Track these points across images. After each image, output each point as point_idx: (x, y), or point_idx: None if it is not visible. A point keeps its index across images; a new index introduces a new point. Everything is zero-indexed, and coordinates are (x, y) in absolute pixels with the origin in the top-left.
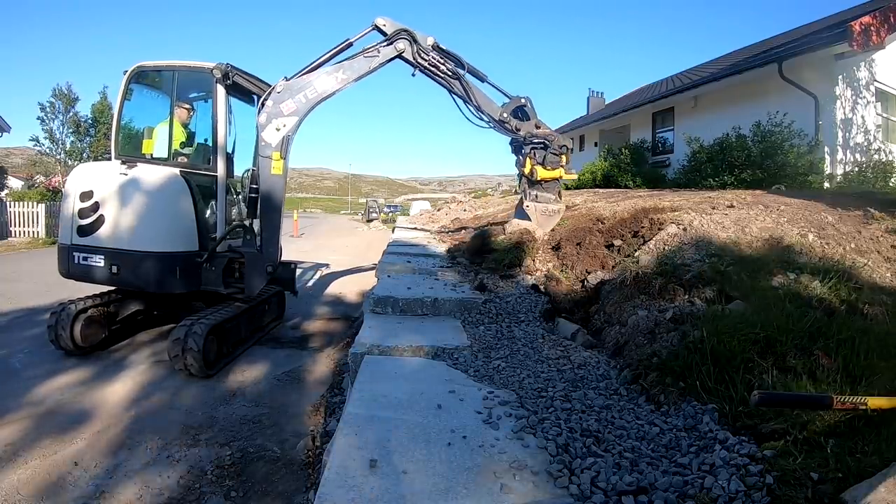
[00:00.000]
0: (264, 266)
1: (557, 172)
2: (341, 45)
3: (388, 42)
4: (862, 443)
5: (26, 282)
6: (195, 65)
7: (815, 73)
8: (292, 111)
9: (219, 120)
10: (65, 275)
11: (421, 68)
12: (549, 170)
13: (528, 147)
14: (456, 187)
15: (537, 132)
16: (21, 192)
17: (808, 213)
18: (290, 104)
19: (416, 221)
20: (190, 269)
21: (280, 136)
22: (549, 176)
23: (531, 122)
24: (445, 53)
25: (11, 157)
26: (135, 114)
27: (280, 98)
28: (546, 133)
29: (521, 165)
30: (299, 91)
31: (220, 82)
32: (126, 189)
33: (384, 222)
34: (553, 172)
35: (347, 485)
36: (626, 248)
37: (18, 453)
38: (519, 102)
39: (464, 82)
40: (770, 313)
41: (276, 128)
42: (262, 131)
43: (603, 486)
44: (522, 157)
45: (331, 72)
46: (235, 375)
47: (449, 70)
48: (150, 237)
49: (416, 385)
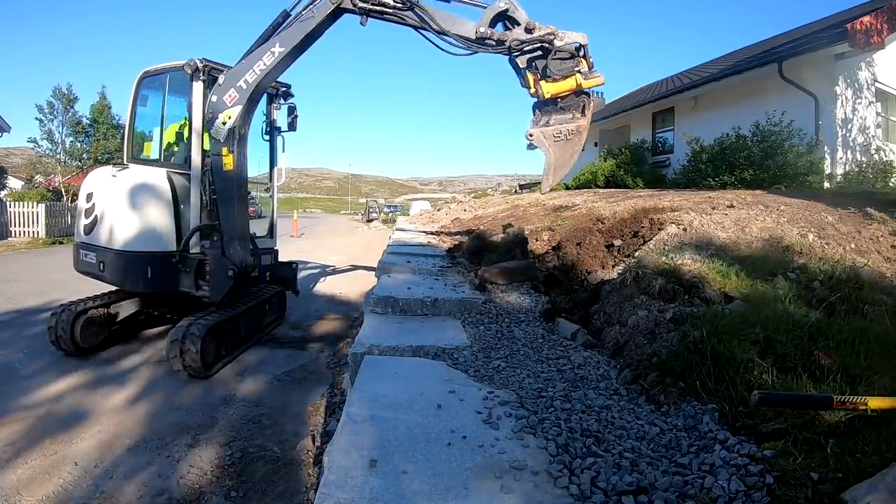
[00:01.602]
0: (226, 269)
1: (570, 82)
2: (278, 17)
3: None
4: (862, 443)
5: (26, 282)
6: (177, 64)
7: (815, 73)
8: (235, 100)
9: (193, 115)
10: (77, 270)
11: (365, 12)
12: (557, 81)
13: (525, 59)
14: (456, 187)
15: (528, 37)
16: (21, 192)
17: (808, 213)
18: (232, 94)
19: (416, 221)
20: (164, 269)
21: (226, 129)
22: (561, 89)
23: (520, 26)
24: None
25: (11, 157)
26: (146, 118)
27: (223, 91)
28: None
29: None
30: (239, 78)
31: (194, 78)
32: (113, 190)
33: (384, 222)
34: (564, 83)
35: (347, 485)
36: (627, 248)
37: (18, 453)
38: (497, 9)
39: (418, 11)
40: (770, 313)
41: (223, 122)
42: (211, 128)
43: (603, 486)
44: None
45: (265, 48)
46: (235, 375)
47: (396, 3)
48: (126, 236)
49: (416, 385)
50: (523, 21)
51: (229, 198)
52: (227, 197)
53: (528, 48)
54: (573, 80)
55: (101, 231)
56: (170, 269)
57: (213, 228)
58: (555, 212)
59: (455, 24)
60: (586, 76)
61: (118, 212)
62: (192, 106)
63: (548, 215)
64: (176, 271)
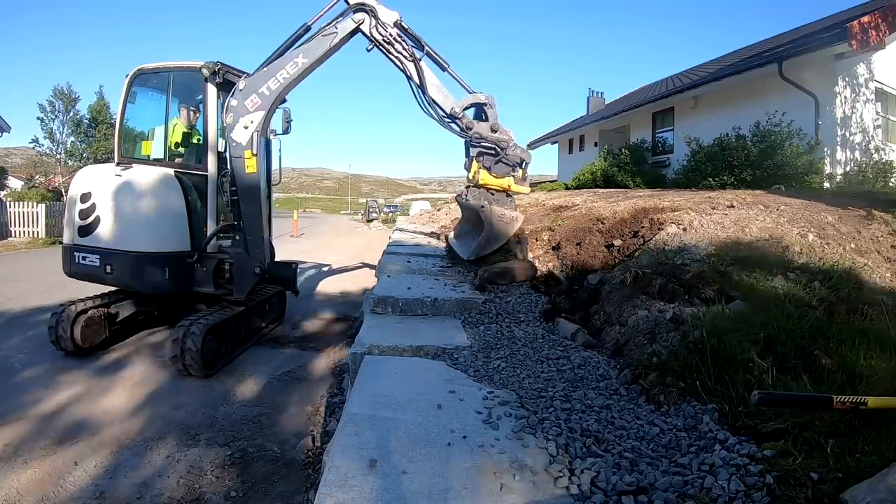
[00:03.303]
0: (252, 267)
1: (505, 182)
2: (299, 30)
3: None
4: (862, 443)
5: (26, 282)
6: (188, 64)
7: (815, 72)
8: (257, 106)
9: (209, 118)
10: (68, 274)
11: (376, 43)
12: (495, 177)
13: (476, 150)
14: (456, 187)
15: (490, 135)
16: (21, 192)
17: (808, 213)
18: (254, 99)
19: (416, 221)
20: (181, 269)
21: (249, 133)
22: (495, 184)
23: (487, 123)
24: (407, 32)
25: (11, 157)
26: (140, 116)
27: (244, 95)
28: (500, 138)
29: (466, 168)
30: (262, 84)
31: (209, 80)
32: (119, 190)
33: (384, 222)
34: (500, 181)
35: (347, 485)
36: (626, 248)
37: (19, 454)
38: (478, 99)
39: (418, 66)
40: (770, 313)
41: (244, 126)
42: (231, 132)
43: (603, 486)
44: (469, 160)
45: (289, 58)
46: (235, 375)
47: (405, 50)
48: (139, 237)
49: (416, 385)
50: (492, 119)
51: (253, 199)
52: (252, 198)
53: (485, 144)
54: (507, 181)
55: (106, 232)
56: (185, 270)
57: (234, 228)
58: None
59: (440, 93)
60: (518, 182)
61: (128, 212)
62: (207, 108)
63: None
64: (191, 271)
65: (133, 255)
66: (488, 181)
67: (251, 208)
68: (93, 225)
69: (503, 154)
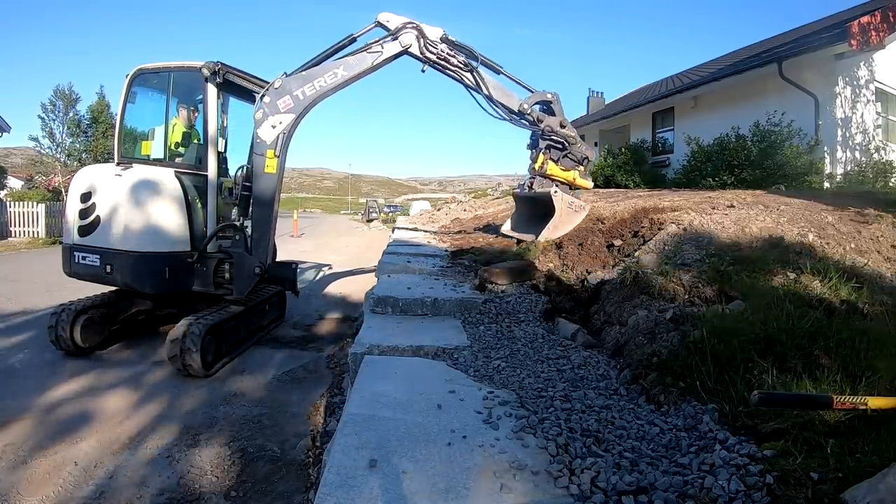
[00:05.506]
0: (252, 267)
1: (570, 175)
2: (344, 40)
3: (393, 37)
4: (862, 443)
5: (26, 282)
6: (188, 64)
7: (815, 73)
8: (289, 108)
9: (209, 118)
10: (68, 273)
11: (430, 63)
12: (562, 169)
13: (545, 142)
14: (456, 187)
15: (560, 130)
16: (21, 192)
17: (808, 213)
18: (287, 101)
19: (416, 221)
20: (181, 269)
21: (276, 133)
22: (561, 176)
23: (556, 118)
24: (455, 45)
25: (11, 157)
26: (140, 116)
27: (278, 95)
28: (568, 134)
29: (532, 160)
30: (297, 88)
31: (210, 80)
32: (119, 190)
33: (384, 222)
34: (565, 173)
35: (347, 485)
36: (627, 248)
37: (18, 453)
38: (544, 97)
39: (476, 74)
40: (770, 313)
41: (272, 125)
42: (258, 128)
43: (603, 486)
44: (536, 151)
45: (330, 68)
46: (235, 375)
47: (460, 63)
48: (139, 237)
49: (416, 385)
50: (559, 115)
51: (268, 199)
52: (266, 198)
53: (555, 138)
54: (572, 174)
55: (107, 232)
56: (185, 269)
57: (234, 228)
58: None
59: (504, 94)
60: (582, 176)
61: (129, 212)
62: (207, 108)
63: None
64: (191, 271)
65: (133, 254)
66: (555, 172)
67: (263, 207)
68: (93, 225)
69: (570, 149)
